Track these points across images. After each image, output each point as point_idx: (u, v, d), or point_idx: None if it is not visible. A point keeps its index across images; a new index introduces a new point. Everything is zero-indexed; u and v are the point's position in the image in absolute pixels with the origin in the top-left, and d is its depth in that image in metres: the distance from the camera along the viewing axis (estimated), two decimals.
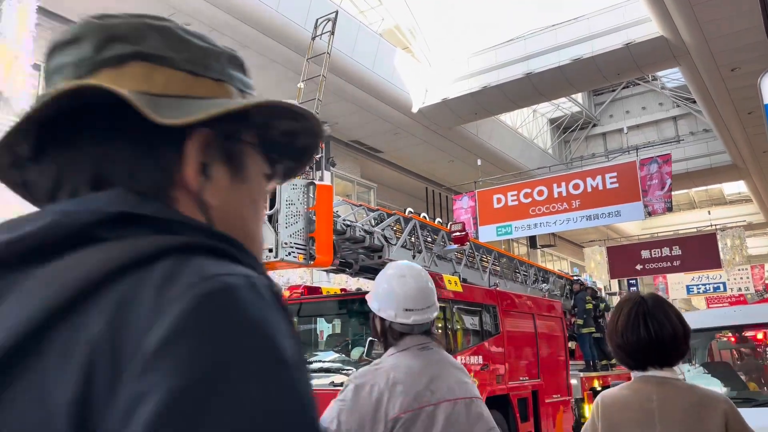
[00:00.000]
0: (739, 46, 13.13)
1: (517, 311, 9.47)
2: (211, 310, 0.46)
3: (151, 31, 0.64)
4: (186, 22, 3.00)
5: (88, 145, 0.58)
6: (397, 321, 1.92)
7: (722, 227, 22.96)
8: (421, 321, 1.93)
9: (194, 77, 0.64)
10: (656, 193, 13.91)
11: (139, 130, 0.57)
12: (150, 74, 0.61)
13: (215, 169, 0.62)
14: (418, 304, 1.95)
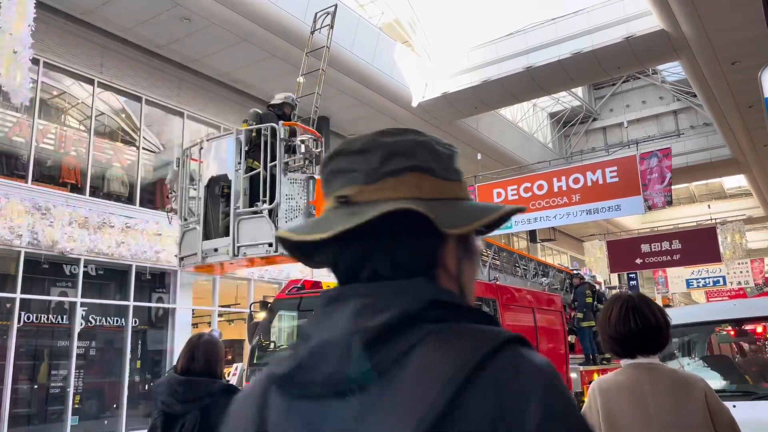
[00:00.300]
0: (739, 39, 13.09)
1: (517, 305, 9.49)
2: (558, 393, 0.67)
3: (420, 147, 0.81)
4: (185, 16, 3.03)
5: (384, 237, 0.75)
6: None
7: (722, 221, 22.95)
8: None
9: (445, 182, 0.81)
10: (656, 187, 13.90)
11: (420, 229, 0.74)
12: (420, 183, 0.78)
13: (463, 253, 0.81)
14: None
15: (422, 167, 0.79)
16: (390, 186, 0.76)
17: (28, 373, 10.39)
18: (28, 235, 10.01)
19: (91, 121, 11.95)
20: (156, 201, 12.97)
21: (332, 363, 0.69)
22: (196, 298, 13.27)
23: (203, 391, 2.91)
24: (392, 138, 0.81)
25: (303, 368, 0.71)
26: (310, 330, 0.75)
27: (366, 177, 0.77)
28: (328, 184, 0.82)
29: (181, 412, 2.88)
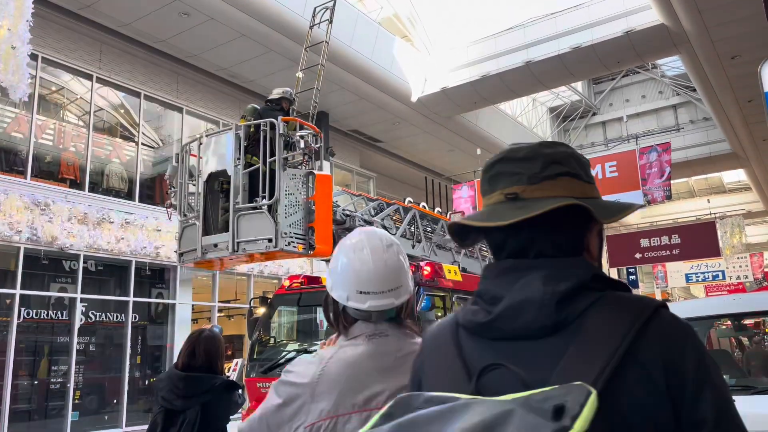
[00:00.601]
0: (739, 33, 13.06)
1: None
2: (700, 341, 0.94)
3: (570, 157, 1.03)
4: (184, 11, 3.03)
5: (547, 226, 0.97)
6: (350, 305, 1.51)
7: (721, 215, 22.96)
8: (380, 307, 1.50)
9: (587, 184, 1.03)
10: (655, 182, 13.91)
11: (574, 220, 0.99)
12: (571, 185, 1.00)
13: (598, 240, 1.07)
14: (377, 285, 1.50)
15: (572, 173, 1.02)
16: (549, 187, 0.99)
17: (28, 368, 10.41)
18: (27, 231, 10.01)
19: (89, 116, 11.93)
20: (155, 197, 12.96)
21: (530, 314, 0.92)
22: (195, 293, 13.28)
23: (204, 386, 2.92)
24: (549, 149, 1.03)
25: (502, 318, 0.95)
26: (497, 291, 0.98)
27: (529, 179, 1.00)
28: (493, 182, 1.04)
29: (182, 407, 2.89)
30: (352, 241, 1.58)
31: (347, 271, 1.53)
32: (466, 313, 1.03)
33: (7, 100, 10.26)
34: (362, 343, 1.49)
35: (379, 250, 1.54)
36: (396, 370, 1.43)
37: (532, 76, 15.98)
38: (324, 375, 1.42)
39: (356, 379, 1.41)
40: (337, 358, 1.45)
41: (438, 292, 7.59)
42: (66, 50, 11.59)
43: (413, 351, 1.35)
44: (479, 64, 16.25)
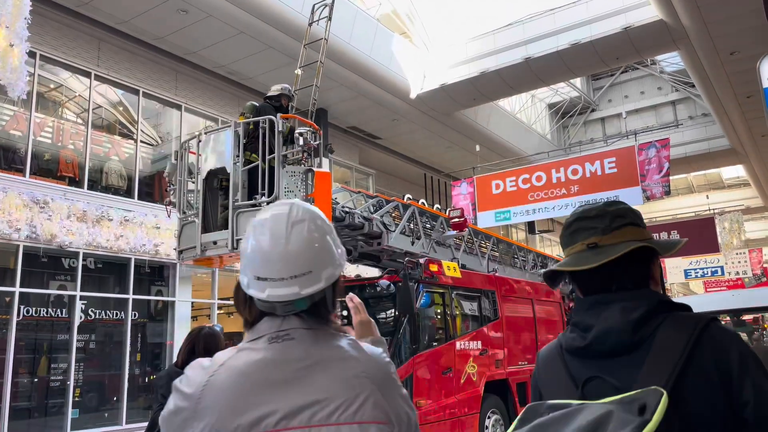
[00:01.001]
0: (738, 29, 13.06)
1: (516, 296, 9.51)
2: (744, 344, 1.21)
3: (629, 211, 1.38)
4: (182, 8, 3.02)
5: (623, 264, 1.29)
6: (250, 293, 1.26)
7: (720, 211, 22.99)
8: (282, 297, 1.22)
9: (643, 229, 1.36)
10: (654, 177, 13.90)
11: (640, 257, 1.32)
12: (633, 232, 1.33)
13: (659, 269, 1.37)
14: (275, 270, 1.22)
15: (633, 222, 1.36)
16: (618, 235, 1.33)
17: (28, 366, 10.42)
18: (26, 229, 10.00)
19: (88, 114, 11.91)
20: (154, 194, 12.95)
21: (614, 339, 1.24)
22: (195, 291, 13.28)
23: None
24: (613, 207, 1.38)
25: (595, 343, 1.27)
26: (588, 321, 1.30)
27: (603, 231, 1.34)
28: (574, 236, 1.38)
29: None
30: (259, 217, 1.31)
31: (249, 252, 1.27)
32: (567, 339, 1.36)
33: (5, 98, 10.24)
34: (261, 348, 1.22)
35: (281, 226, 1.25)
36: (296, 384, 1.17)
37: (531, 73, 15.97)
38: (208, 387, 1.17)
39: (243, 395, 1.15)
40: (228, 366, 1.20)
41: (438, 289, 7.60)
42: (64, 47, 11.57)
43: (325, 359, 1.21)
44: (478, 60, 16.25)
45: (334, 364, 1.21)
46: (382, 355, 1.31)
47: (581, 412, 1.12)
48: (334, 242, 1.31)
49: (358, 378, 1.20)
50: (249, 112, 7.53)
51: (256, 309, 1.28)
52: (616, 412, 1.08)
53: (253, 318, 1.30)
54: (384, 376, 1.25)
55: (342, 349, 1.25)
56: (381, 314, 7.68)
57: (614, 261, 1.28)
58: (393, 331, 7.01)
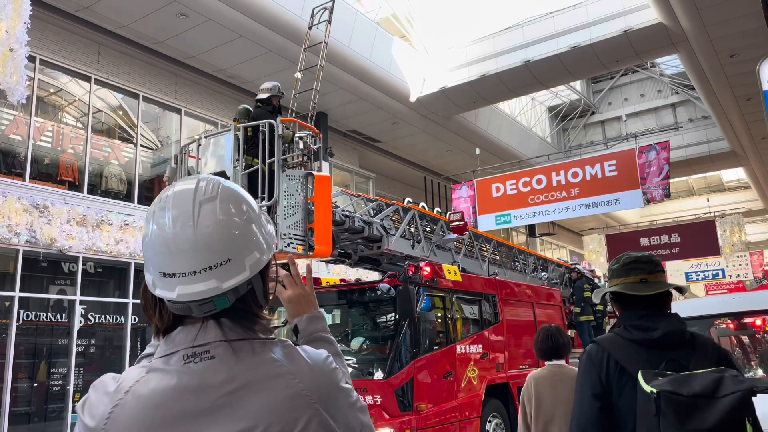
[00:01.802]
0: (737, 32, 13.07)
1: (517, 300, 9.48)
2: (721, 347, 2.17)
3: (660, 262, 2.18)
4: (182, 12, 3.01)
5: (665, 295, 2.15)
6: (158, 294, 1.03)
7: (721, 214, 22.98)
8: (196, 296, 1.01)
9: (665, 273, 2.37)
10: (654, 180, 13.90)
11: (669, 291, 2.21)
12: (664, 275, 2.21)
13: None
14: (184, 263, 1.00)
15: (663, 270, 2.10)
16: (659, 276, 2.09)
17: (27, 371, 10.39)
18: (26, 234, 9.99)
19: (88, 118, 11.91)
20: (154, 198, 12.91)
21: (678, 337, 1.97)
22: None
23: None
24: (655, 258, 2.15)
25: (666, 337, 1.95)
26: (648, 324, 1.98)
27: (650, 272, 2.09)
28: (628, 272, 2.11)
29: None
30: (161, 196, 1.08)
31: (150, 242, 1.04)
32: (632, 334, 2.02)
33: (5, 102, 10.24)
34: (174, 370, 1.00)
35: (187, 207, 1.02)
36: (219, 414, 0.98)
37: (530, 76, 15.98)
38: (111, 421, 0.98)
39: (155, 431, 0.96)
40: (135, 394, 0.99)
41: (438, 292, 7.58)
42: (64, 52, 11.58)
43: (254, 380, 1.00)
44: (478, 63, 16.25)
45: (266, 384, 1.00)
46: (326, 362, 1.10)
47: (696, 377, 1.79)
48: (257, 222, 1.10)
49: (297, 398, 1.01)
50: (242, 117, 7.50)
51: (169, 312, 1.05)
52: (726, 376, 1.78)
53: (165, 324, 1.06)
54: (328, 388, 1.06)
55: (275, 363, 1.03)
56: (381, 318, 7.66)
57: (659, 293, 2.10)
58: (393, 335, 6.99)
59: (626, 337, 2.01)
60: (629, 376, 1.92)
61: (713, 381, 1.76)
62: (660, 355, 1.93)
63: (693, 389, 1.74)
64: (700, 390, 1.74)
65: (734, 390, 1.73)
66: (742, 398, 1.71)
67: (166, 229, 1.01)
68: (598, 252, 23.67)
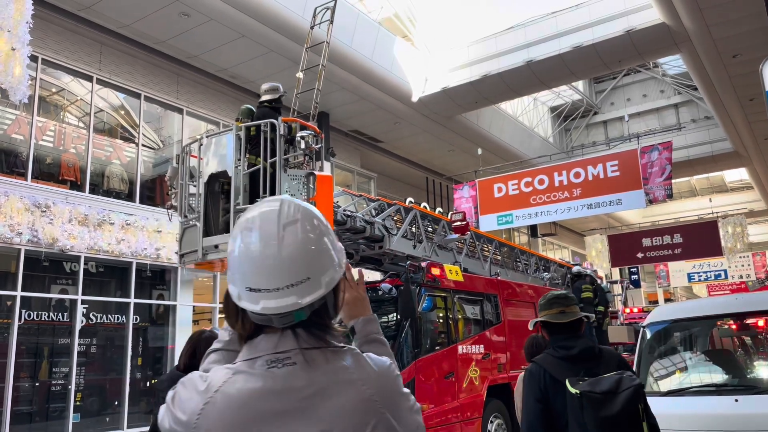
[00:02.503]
0: (740, 32, 13.04)
1: (518, 300, 9.47)
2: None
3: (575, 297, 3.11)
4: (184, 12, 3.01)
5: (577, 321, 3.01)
6: (243, 305, 1.15)
7: (723, 215, 22.95)
8: (278, 309, 1.12)
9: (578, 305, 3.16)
10: (656, 180, 13.87)
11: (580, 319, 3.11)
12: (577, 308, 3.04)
13: None
14: (269, 280, 1.11)
15: (576, 303, 2.98)
16: (573, 307, 2.92)
17: (29, 370, 10.40)
18: (28, 233, 10.00)
19: (90, 117, 11.92)
20: (156, 198, 12.95)
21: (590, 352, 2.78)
22: (196, 294, 13.27)
23: None
24: (571, 295, 3.00)
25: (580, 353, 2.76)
26: (567, 344, 2.81)
27: (566, 305, 2.92)
28: (551, 305, 2.93)
29: None
30: (245, 217, 1.18)
31: (237, 260, 1.15)
32: (557, 352, 2.80)
33: (7, 102, 10.25)
34: (259, 373, 1.11)
35: (272, 229, 1.12)
36: (300, 415, 1.09)
37: (533, 76, 15.97)
38: (204, 416, 1.08)
39: (243, 428, 1.07)
40: (224, 394, 1.09)
41: (440, 292, 7.57)
42: (66, 52, 11.58)
43: (329, 385, 1.12)
44: (480, 63, 16.24)
45: (340, 390, 1.12)
46: (390, 369, 1.22)
47: (605, 379, 2.51)
48: (332, 242, 1.20)
49: (367, 403, 1.12)
50: (245, 117, 7.49)
51: (251, 322, 1.17)
52: (624, 376, 2.51)
53: (248, 332, 1.18)
54: (392, 394, 1.18)
55: (347, 370, 1.15)
56: (383, 318, 7.65)
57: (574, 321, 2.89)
58: (395, 335, 6.98)
59: (554, 355, 2.83)
60: (560, 383, 2.67)
61: (615, 381, 2.50)
62: (578, 366, 2.71)
63: (603, 388, 2.49)
64: (608, 388, 2.49)
65: (629, 386, 2.47)
66: (635, 391, 2.46)
67: (254, 249, 1.12)
68: (600, 252, 23.64)
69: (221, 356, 1.31)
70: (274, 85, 7.70)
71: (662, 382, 4.97)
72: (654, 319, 5.35)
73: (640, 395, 2.48)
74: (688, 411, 4.38)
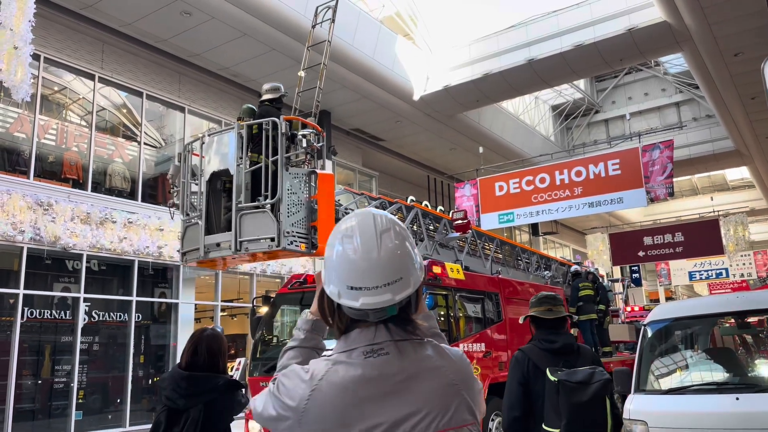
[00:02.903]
0: (742, 30, 13.03)
1: (520, 298, 9.48)
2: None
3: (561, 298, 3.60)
4: (185, 11, 3.04)
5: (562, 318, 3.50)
6: (342, 302, 1.32)
7: (725, 213, 22.93)
8: (375, 305, 1.29)
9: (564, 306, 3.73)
10: (658, 179, 13.87)
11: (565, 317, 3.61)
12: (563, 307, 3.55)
13: None
14: (369, 279, 1.29)
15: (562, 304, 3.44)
16: (561, 308, 3.38)
17: (31, 368, 10.43)
18: (30, 231, 10.03)
19: (92, 116, 11.94)
20: (158, 196, 12.98)
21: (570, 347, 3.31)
22: (198, 293, 13.30)
23: (206, 386, 2.92)
24: (560, 297, 3.45)
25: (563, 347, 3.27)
26: (551, 338, 3.30)
27: (554, 304, 3.38)
28: (540, 304, 3.39)
29: (185, 406, 2.89)
30: (344, 226, 1.36)
31: (337, 262, 1.33)
32: (542, 344, 3.29)
33: (9, 100, 10.27)
34: (358, 363, 1.28)
35: (371, 236, 1.31)
36: (394, 397, 1.26)
37: (534, 74, 15.96)
38: (312, 401, 1.25)
39: (348, 410, 1.24)
40: (328, 381, 1.26)
41: (441, 291, 7.58)
42: (68, 50, 11.60)
43: (418, 372, 1.29)
44: (481, 62, 16.24)
45: (427, 375, 1.30)
46: (464, 357, 1.42)
47: (580, 371, 3.00)
48: (412, 247, 1.38)
49: (450, 387, 1.31)
50: (247, 116, 7.50)
51: (346, 316, 1.35)
52: (597, 370, 3.02)
53: (344, 325, 1.36)
54: (467, 378, 1.37)
55: (430, 358, 1.33)
56: None
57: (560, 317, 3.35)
58: None
59: (539, 346, 3.28)
60: (540, 371, 3.13)
61: (589, 374, 2.99)
62: (559, 359, 3.18)
63: (577, 378, 2.96)
64: (582, 379, 2.96)
65: (600, 379, 2.96)
66: (604, 384, 2.95)
67: (354, 253, 1.30)
68: (601, 251, 23.64)
69: (298, 353, 1.52)
70: (276, 85, 7.71)
71: (663, 381, 4.98)
72: (655, 318, 5.36)
73: (607, 388, 2.98)
74: (689, 409, 4.39)
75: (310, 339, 1.54)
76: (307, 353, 1.51)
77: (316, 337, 1.55)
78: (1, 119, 10.87)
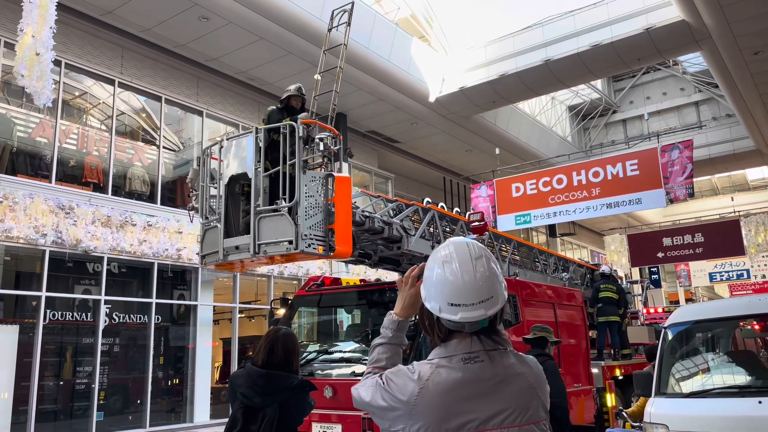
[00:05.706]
0: (761, 29, 12.86)
1: (537, 300, 9.42)
2: None
3: None
4: (203, 16, 3.10)
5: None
6: (443, 316, 1.58)
7: (746, 213, 22.59)
8: (471, 319, 1.55)
9: None
10: (678, 179, 13.72)
11: None
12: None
13: None
14: (467, 298, 1.55)
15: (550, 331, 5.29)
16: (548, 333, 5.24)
17: (54, 369, 10.59)
18: (52, 234, 10.18)
19: (112, 120, 12.10)
20: (177, 199, 13.10)
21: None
22: (217, 294, 13.40)
23: (282, 385, 2.94)
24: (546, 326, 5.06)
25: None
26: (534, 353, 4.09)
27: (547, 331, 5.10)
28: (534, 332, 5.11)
29: (261, 405, 2.91)
30: (442, 253, 1.63)
31: (438, 283, 1.59)
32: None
33: (31, 106, 10.44)
34: (458, 368, 1.55)
35: (468, 262, 1.59)
36: (488, 397, 1.53)
37: (551, 75, 15.88)
38: (421, 397, 1.51)
39: (451, 407, 1.50)
40: (434, 382, 1.53)
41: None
42: (88, 56, 11.77)
43: (506, 377, 1.57)
44: (497, 63, 16.19)
45: (513, 379, 1.58)
46: (537, 365, 1.70)
47: None
48: (498, 270, 1.64)
49: (530, 389, 1.59)
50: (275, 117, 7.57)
51: (444, 327, 1.61)
52: None
53: (443, 335, 1.62)
54: (543, 384, 1.65)
55: (515, 365, 1.61)
56: None
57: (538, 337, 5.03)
58: (413, 336, 6.99)
59: None
60: None
61: None
62: None
63: None
64: None
65: None
66: None
67: (453, 275, 1.57)
68: (619, 252, 23.43)
69: (386, 348, 1.79)
70: (288, 88, 7.80)
71: (684, 384, 4.93)
72: (676, 320, 5.32)
73: None
74: (710, 413, 4.34)
75: (396, 336, 1.80)
76: (394, 349, 1.79)
77: (400, 335, 1.81)
78: (24, 124, 11.05)
